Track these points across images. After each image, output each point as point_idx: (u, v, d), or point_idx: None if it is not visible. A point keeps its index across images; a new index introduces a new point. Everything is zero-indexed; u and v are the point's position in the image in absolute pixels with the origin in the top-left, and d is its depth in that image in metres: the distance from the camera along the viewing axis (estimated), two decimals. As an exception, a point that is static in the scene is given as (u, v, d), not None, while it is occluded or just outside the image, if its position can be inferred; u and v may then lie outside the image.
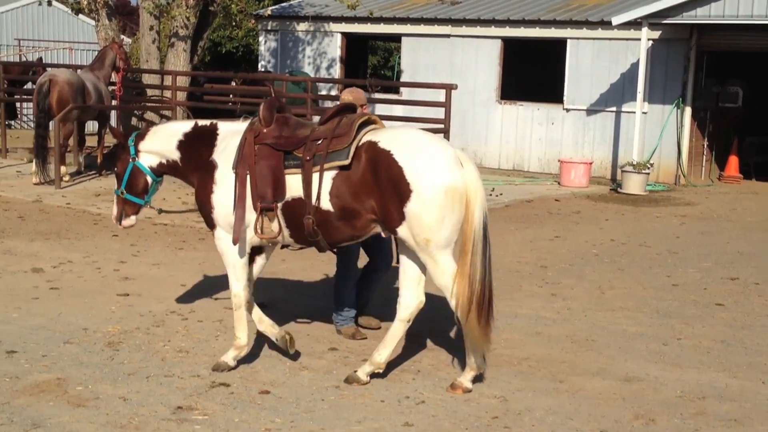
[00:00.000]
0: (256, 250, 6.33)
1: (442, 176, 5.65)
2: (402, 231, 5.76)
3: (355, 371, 6.09)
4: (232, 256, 6.12)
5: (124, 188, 6.45)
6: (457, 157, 5.77)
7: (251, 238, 6.10)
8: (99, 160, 15.92)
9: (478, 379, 6.14)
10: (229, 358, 6.19)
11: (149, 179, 6.44)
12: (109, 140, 17.86)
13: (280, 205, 5.97)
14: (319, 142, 5.90)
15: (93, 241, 10.43)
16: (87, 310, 7.49)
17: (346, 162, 5.80)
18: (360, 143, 5.85)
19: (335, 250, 6.67)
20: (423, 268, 5.96)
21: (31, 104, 19.75)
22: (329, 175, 5.84)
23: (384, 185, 5.71)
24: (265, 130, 6.05)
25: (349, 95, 7.01)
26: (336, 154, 5.83)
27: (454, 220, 5.69)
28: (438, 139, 6.02)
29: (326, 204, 5.85)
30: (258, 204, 5.95)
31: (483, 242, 5.75)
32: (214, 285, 8.52)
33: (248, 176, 5.95)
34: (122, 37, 19.81)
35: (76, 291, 8.14)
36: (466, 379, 6.00)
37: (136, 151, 6.40)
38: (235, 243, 6.01)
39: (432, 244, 5.71)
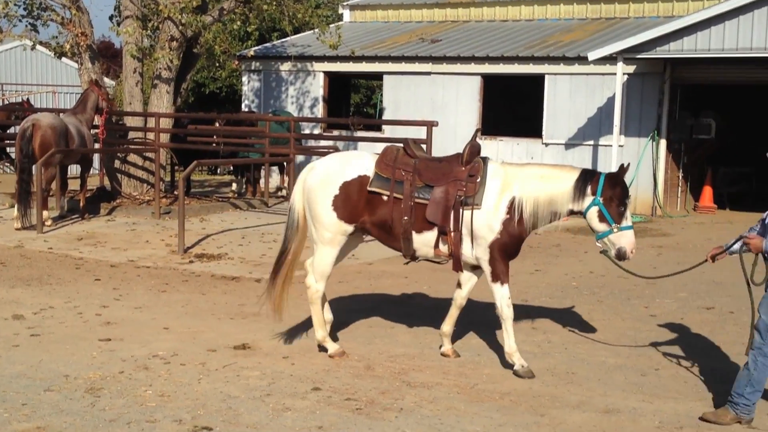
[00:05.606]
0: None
1: None
2: None
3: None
4: None
5: None
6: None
7: None
8: (81, 204, 15.93)
9: (460, 414, 6.22)
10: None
11: None
12: (92, 183, 17.94)
13: None
14: None
15: (75, 286, 10.42)
16: (68, 357, 7.48)
17: None
18: None
19: None
20: None
21: (12, 148, 19.82)
22: None
23: None
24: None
25: None
26: None
27: None
28: None
29: None
30: None
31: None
32: (197, 327, 8.55)
33: None
34: (104, 78, 19.88)
35: (57, 337, 8.12)
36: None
37: None
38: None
39: None
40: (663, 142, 18.48)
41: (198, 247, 13.21)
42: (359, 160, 7.61)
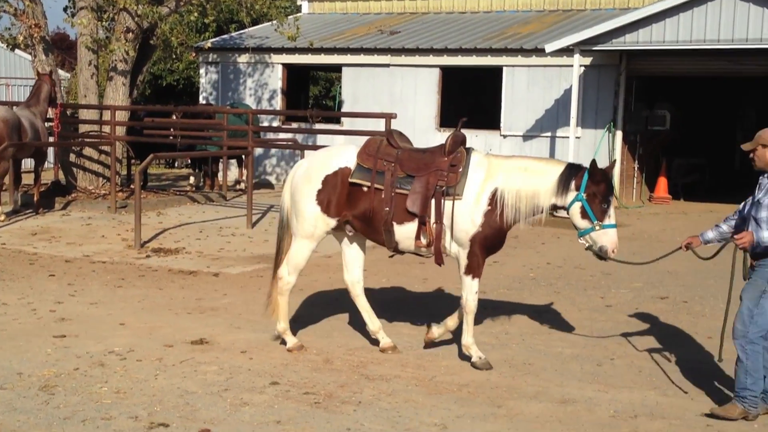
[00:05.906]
0: None
1: None
2: None
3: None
4: None
5: None
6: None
7: None
8: (35, 199, 15.70)
9: (418, 406, 6.24)
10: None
11: None
12: (46, 177, 17.68)
13: None
14: None
15: (29, 282, 10.27)
16: (21, 354, 7.37)
17: None
18: None
19: None
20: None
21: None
22: None
23: None
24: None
25: None
26: None
27: None
28: None
29: None
30: None
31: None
32: (154, 323, 8.48)
33: None
34: (59, 70, 19.59)
35: (10, 334, 8.00)
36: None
37: None
38: None
39: None
40: (619, 134, 18.66)
41: (155, 241, 13.10)
42: (342, 153, 7.56)
